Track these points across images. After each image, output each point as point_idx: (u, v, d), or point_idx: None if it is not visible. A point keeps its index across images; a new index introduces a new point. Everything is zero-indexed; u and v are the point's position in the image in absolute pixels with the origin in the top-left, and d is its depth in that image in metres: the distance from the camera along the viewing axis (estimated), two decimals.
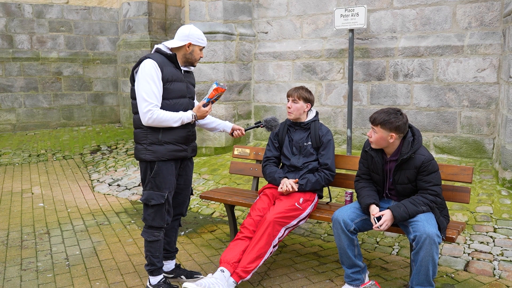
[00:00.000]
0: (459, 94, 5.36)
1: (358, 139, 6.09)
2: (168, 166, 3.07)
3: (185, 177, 3.29)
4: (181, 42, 3.06)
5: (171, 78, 3.03)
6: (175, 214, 3.35)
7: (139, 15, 9.67)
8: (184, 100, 3.11)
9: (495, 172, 4.82)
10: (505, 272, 3.41)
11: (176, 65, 3.09)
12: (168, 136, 3.03)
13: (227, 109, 6.80)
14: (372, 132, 3.02)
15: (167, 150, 3.03)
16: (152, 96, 2.92)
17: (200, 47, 3.12)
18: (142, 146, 3.05)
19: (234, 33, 6.77)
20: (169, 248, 3.40)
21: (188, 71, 3.22)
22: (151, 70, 2.93)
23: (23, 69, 9.95)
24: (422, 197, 2.94)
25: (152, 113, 2.92)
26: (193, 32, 3.07)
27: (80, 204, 5.55)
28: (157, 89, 2.95)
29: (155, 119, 2.93)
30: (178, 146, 3.08)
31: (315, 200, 3.53)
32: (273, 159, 3.72)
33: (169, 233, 3.38)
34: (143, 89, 2.93)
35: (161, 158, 3.03)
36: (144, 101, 2.92)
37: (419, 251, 2.76)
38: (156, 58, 2.99)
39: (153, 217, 3.08)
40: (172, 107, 3.03)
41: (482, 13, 5.21)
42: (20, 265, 3.76)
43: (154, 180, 3.05)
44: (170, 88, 3.02)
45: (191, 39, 3.06)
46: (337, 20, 5.63)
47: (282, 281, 3.40)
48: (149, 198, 3.05)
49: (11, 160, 7.98)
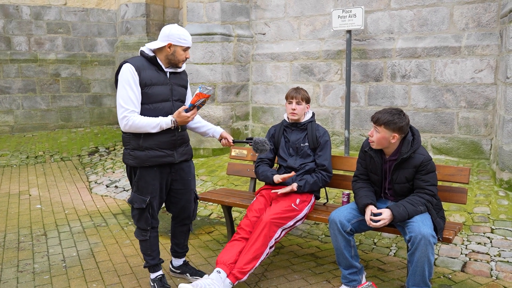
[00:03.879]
0: (457, 95, 5.36)
1: (355, 140, 6.09)
2: (150, 172, 3.02)
3: (182, 182, 3.21)
4: (161, 43, 2.94)
5: (150, 82, 2.92)
6: (182, 219, 3.34)
7: (137, 17, 9.68)
8: (166, 104, 3.00)
9: (493, 173, 4.83)
10: (502, 273, 3.41)
11: (158, 67, 2.99)
12: (149, 142, 2.95)
13: (225, 110, 6.80)
14: (374, 131, 3.01)
15: (148, 156, 2.97)
16: (128, 102, 2.86)
17: (182, 47, 2.96)
18: (126, 151, 3.05)
19: (231, 34, 6.77)
20: (177, 249, 3.45)
21: (176, 72, 3.09)
22: (127, 75, 2.87)
23: (21, 71, 9.94)
24: (419, 197, 2.94)
25: (128, 119, 2.86)
26: (173, 32, 2.93)
27: (77, 205, 5.54)
28: (134, 94, 2.87)
29: (131, 125, 2.88)
30: (161, 152, 3.00)
31: (311, 201, 3.52)
32: (266, 160, 3.72)
33: (177, 236, 3.41)
34: (120, 95, 2.88)
35: (142, 164, 2.99)
36: (120, 107, 2.87)
37: (415, 251, 2.76)
38: (134, 62, 2.92)
39: (137, 219, 3.13)
40: (152, 111, 2.94)
41: (479, 14, 5.22)
42: (17, 267, 3.75)
43: (137, 184, 3.05)
44: (149, 92, 2.92)
45: (171, 39, 2.92)
46: (335, 21, 5.64)
47: (279, 282, 3.40)
48: (132, 201, 3.09)
49: (8, 161, 7.97)
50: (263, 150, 3.24)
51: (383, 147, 3.05)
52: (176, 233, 3.41)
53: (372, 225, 2.93)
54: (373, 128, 3.03)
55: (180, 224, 3.37)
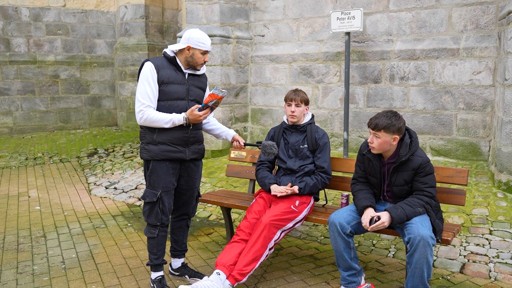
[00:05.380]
0: (455, 96, 5.37)
1: (354, 141, 6.10)
2: (162, 165, 3.14)
3: (187, 179, 3.32)
4: (181, 45, 3.11)
5: (167, 80, 3.09)
6: (181, 214, 3.43)
7: (136, 18, 9.68)
8: (181, 102, 3.15)
9: (491, 175, 4.84)
10: (501, 274, 3.42)
11: (177, 67, 3.15)
12: (162, 137, 3.11)
13: (224, 112, 6.81)
14: (374, 138, 3.00)
15: (160, 150, 3.12)
16: (145, 97, 3.04)
17: (201, 51, 3.11)
18: (142, 145, 3.21)
19: (231, 36, 6.78)
20: (176, 247, 3.49)
21: (196, 74, 3.24)
22: (147, 72, 3.06)
23: (20, 72, 9.94)
24: (417, 198, 2.95)
25: (143, 113, 3.04)
26: (193, 36, 3.09)
27: (76, 207, 5.54)
28: (151, 91, 3.06)
29: (146, 119, 3.04)
30: (173, 147, 3.14)
31: (311, 203, 3.53)
32: (266, 163, 3.73)
33: (176, 232, 3.47)
34: (138, 90, 3.07)
35: (154, 158, 3.13)
36: (138, 101, 3.07)
37: (414, 253, 2.77)
38: (155, 61, 3.11)
39: (148, 214, 3.20)
40: (166, 108, 3.11)
41: (478, 16, 5.24)
42: (16, 268, 3.75)
43: (149, 178, 3.18)
44: (166, 90, 3.09)
45: (190, 42, 3.09)
46: (334, 23, 5.65)
47: (278, 283, 3.40)
48: (144, 195, 3.18)
49: (7, 163, 7.96)
50: (271, 154, 3.35)
51: (385, 151, 3.06)
52: (174, 228, 3.47)
53: (369, 228, 2.94)
54: (372, 135, 3.02)
55: (179, 219, 3.45)
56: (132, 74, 9.69)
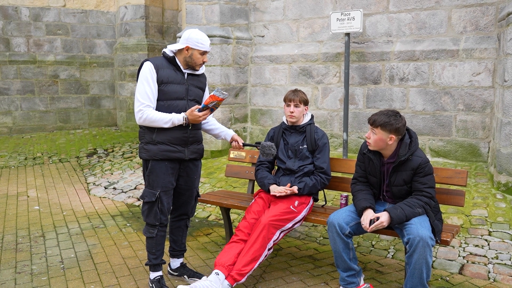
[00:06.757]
0: (455, 98, 5.38)
1: (354, 142, 6.10)
2: (161, 165, 3.14)
3: (186, 179, 3.32)
4: (180, 45, 3.12)
5: (167, 80, 3.09)
6: (180, 214, 3.43)
7: (136, 19, 9.69)
8: (181, 102, 3.15)
9: (490, 176, 4.84)
10: (500, 275, 3.42)
11: (176, 67, 3.15)
12: (161, 136, 3.10)
13: (224, 113, 6.81)
14: (371, 133, 3.03)
15: (159, 150, 3.12)
16: (145, 97, 3.04)
17: (200, 51, 3.12)
18: (141, 145, 3.21)
19: (230, 36, 6.78)
20: (175, 247, 3.49)
21: (195, 74, 3.24)
22: (146, 72, 3.06)
23: (19, 72, 9.94)
24: (416, 199, 2.95)
25: (143, 112, 3.04)
26: (192, 36, 3.09)
27: (75, 207, 5.54)
28: (151, 90, 3.05)
29: (145, 119, 3.04)
30: (172, 147, 3.13)
31: (310, 203, 3.53)
32: (265, 163, 3.73)
33: (175, 232, 3.47)
34: (138, 90, 3.07)
35: (153, 157, 3.12)
36: (137, 101, 3.07)
37: (413, 253, 2.77)
38: (154, 61, 3.11)
39: (147, 214, 3.19)
40: (166, 108, 3.11)
41: (477, 17, 5.24)
42: (15, 268, 3.74)
43: (148, 178, 3.17)
44: (165, 89, 3.09)
45: (189, 43, 3.09)
46: (333, 24, 5.66)
47: (277, 284, 3.40)
48: (143, 195, 3.18)
49: (7, 163, 7.96)
50: (270, 154, 3.35)
51: (380, 149, 3.06)
52: (173, 228, 3.47)
53: (368, 229, 2.93)
54: (370, 130, 3.05)
55: (178, 219, 3.45)
56: (132, 74, 9.69)
